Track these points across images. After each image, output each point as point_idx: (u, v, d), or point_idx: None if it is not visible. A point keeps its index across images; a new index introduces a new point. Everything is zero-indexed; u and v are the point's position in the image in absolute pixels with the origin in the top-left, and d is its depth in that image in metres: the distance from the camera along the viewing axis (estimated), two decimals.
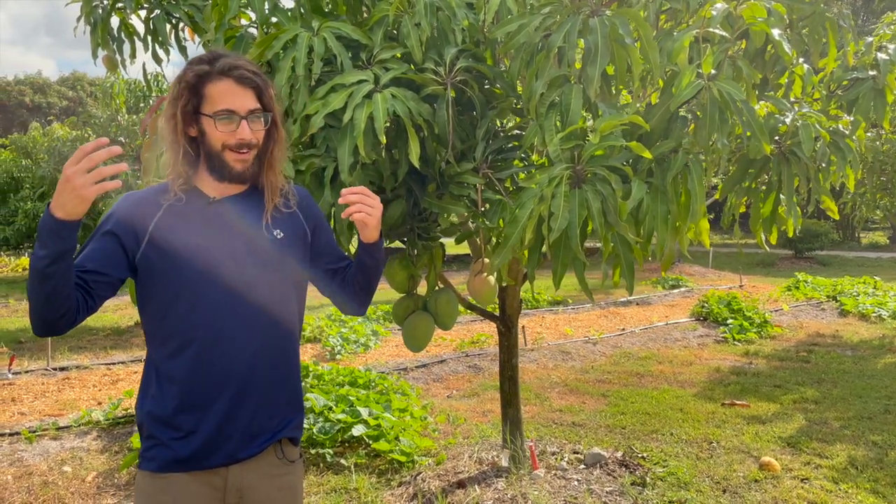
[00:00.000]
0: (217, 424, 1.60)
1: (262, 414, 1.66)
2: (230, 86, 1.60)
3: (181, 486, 1.61)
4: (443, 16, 2.45)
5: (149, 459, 1.62)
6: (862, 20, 23.88)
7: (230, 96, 1.59)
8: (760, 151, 2.37)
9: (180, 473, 1.60)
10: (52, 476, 4.08)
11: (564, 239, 2.13)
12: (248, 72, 1.61)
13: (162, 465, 1.60)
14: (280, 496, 1.71)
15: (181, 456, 1.59)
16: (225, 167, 1.63)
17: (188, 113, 1.61)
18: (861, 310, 9.84)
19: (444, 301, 2.92)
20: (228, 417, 1.61)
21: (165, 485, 1.61)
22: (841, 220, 16.63)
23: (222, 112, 1.59)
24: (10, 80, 39.78)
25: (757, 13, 2.42)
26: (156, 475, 1.61)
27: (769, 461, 4.12)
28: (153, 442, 1.61)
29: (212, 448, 1.60)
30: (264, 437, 1.67)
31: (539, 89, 2.27)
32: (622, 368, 6.95)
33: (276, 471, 1.70)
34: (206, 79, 1.59)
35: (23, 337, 9.02)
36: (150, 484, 1.62)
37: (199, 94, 1.60)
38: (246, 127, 1.60)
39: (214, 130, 1.60)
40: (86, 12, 3.40)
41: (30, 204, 15.17)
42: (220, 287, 1.59)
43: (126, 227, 1.59)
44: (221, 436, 1.61)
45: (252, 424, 1.64)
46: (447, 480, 3.80)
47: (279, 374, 1.69)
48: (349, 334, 7.86)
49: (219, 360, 1.60)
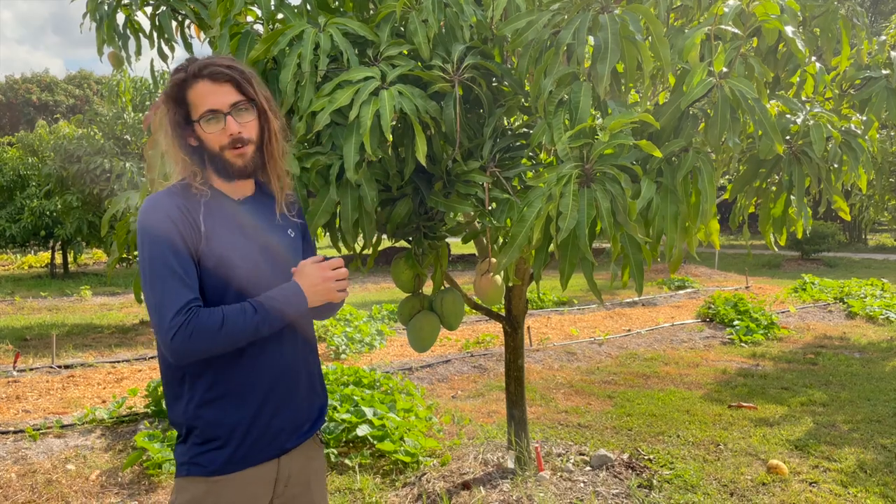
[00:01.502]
0: (269, 420, 1.64)
1: (306, 404, 1.75)
2: (207, 86, 1.60)
3: (239, 484, 1.62)
4: (450, 12, 2.42)
5: (201, 465, 1.60)
6: (871, 20, 23.77)
7: (210, 96, 1.60)
8: (772, 151, 2.33)
9: (236, 473, 1.61)
10: (55, 474, 4.07)
11: (573, 239, 2.10)
12: (221, 66, 1.61)
13: (218, 468, 1.60)
14: (315, 477, 1.80)
15: (237, 456, 1.61)
16: (227, 165, 1.63)
17: (181, 124, 1.61)
18: (868, 312, 9.77)
19: (450, 301, 2.89)
20: (280, 412, 1.67)
21: (221, 487, 1.61)
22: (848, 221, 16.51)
23: (206, 114, 1.59)
24: (18, 78, 39.93)
25: (770, 10, 2.38)
26: (211, 479, 1.60)
27: (777, 464, 4.08)
28: (208, 447, 1.60)
29: (265, 443, 1.64)
30: (308, 426, 1.75)
31: (548, 87, 2.24)
32: (628, 369, 6.91)
33: (313, 453, 1.80)
34: (185, 86, 1.61)
35: (28, 334, 9.03)
36: (204, 489, 1.61)
37: (184, 102, 1.61)
38: (232, 122, 1.60)
39: (205, 134, 1.61)
40: (91, 9, 3.39)
41: (36, 202, 15.23)
42: (262, 284, 1.62)
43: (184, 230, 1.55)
44: (272, 430, 1.65)
45: (299, 415, 1.72)
46: (452, 481, 3.77)
47: (312, 364, 1.79)
48: (354, 334, 7.83)
49: (268, 357, 1.65)
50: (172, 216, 1.55)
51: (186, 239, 1.54)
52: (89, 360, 7.00)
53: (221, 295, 1.58)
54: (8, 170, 15.99)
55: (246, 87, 1.63)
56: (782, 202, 2.84)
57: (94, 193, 13.69)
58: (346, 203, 2.33)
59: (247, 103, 1.63)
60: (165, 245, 1.52)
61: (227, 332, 1.50)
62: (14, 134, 18.86)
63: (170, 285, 1.50)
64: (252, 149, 1.64)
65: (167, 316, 1.48)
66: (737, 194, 2.96)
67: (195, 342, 1.48)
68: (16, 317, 10.76)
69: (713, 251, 19.09)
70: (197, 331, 1.48)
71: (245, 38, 2.46)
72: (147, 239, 1.54)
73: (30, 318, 10.58)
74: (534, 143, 2.35)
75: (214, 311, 1.51)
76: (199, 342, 1.48)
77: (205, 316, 1.49)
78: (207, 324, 1.49)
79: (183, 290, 1.50)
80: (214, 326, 1.49)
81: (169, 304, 1.49)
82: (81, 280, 16.23)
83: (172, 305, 1.48)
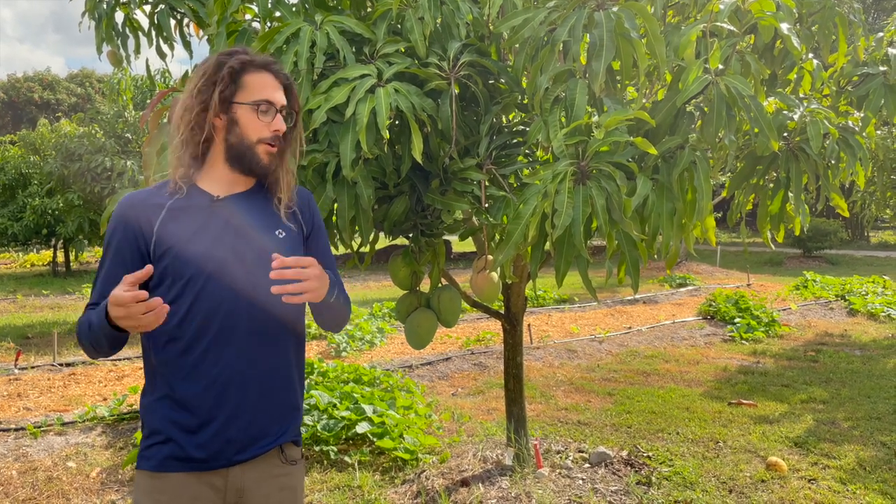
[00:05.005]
0: (219, 427, 1.57)
1: (265, 417, 1.64)
2: (269, 79, 1.62)
3: (181, 484, 1.58)
4: (447, 10, 2.43)
5: (147, 458, 1.60)
6: (872, 17, 23.70)
7: (269, 88, 1.62)
8: (768, 148, 2.33)
9: (180, 473, 1.58)
10: (56, 471, 4.09)
11: (568, 236, 2.10)
12: (283, 70, 1.67)
13: (160, 463, 1.58)
14: (280, 496, 1.68)
15: (180, 454, 1.57)
16: (254, 159, 1.62)
17: (225, 100, 1.59)
18: (870, 309, 9.76)
19: (447, 298, 2.90)
20: (230, 420, 1.58)
21: (164, 483, 1.58)
22: (850, 218, 16.49)
23: (263, 102, 1.60)
24: (20, 77, 39.95)
25: (766, 7, 2.38)
26: (154, 474, 1.58)
27: (776, 461, 4.08)
28: (153, 440, 1.59)
29: (213, 450, 1.58)
30: (266, 441, 1.64)
31: (544, 84, 2.24)
32: (628, 367, 6.91)
33: (278, 471, 1.68)
34: (248, 68, 1.61)
35: (29, 332, 9.05)
36: (148, 483, 1.59)
37: (237, 82, 1.60)
38: (281, 120, 1.63)
39: (253, 120, 1.60)
40: (90, 8, 3.40)
41: (38, 200, 15.24)
42: (224, 288, 1.56)
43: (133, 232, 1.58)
44: (222, 438, 1.58)
45: (252, 427, 1.61)
46: (451, 479, 3.78)
47: (282, 378, 1.67)
48: (354, 331, 7.85)
49: (222, 362, 1.57)
50: (126, 216, 1.60)
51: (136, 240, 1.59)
52: (90, 359, 7.02)
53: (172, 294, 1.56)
54: (10, 168, 16.01)
55: (293, 98, 1.68)
56: (780, 199, 2.84)
57: (96, 191, 13.71)
58: (343, 201, 2.33)
59: (290, 111, 1.68)
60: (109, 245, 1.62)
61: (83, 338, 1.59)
62: (16, 132, 18.88)
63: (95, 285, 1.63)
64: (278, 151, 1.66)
65: None
66: (734, 191, 2.96)
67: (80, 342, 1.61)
68: (18, 315, 10.79)
69: (714, 249, 19.08)
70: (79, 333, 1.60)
71: (242, 35, 2.47)
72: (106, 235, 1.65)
73: (31, 317, 10.61)
74: (530, 141, 2.36)
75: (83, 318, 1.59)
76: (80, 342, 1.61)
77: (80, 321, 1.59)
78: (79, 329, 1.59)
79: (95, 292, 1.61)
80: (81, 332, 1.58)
81: None
82: (83, 278, 16.25)
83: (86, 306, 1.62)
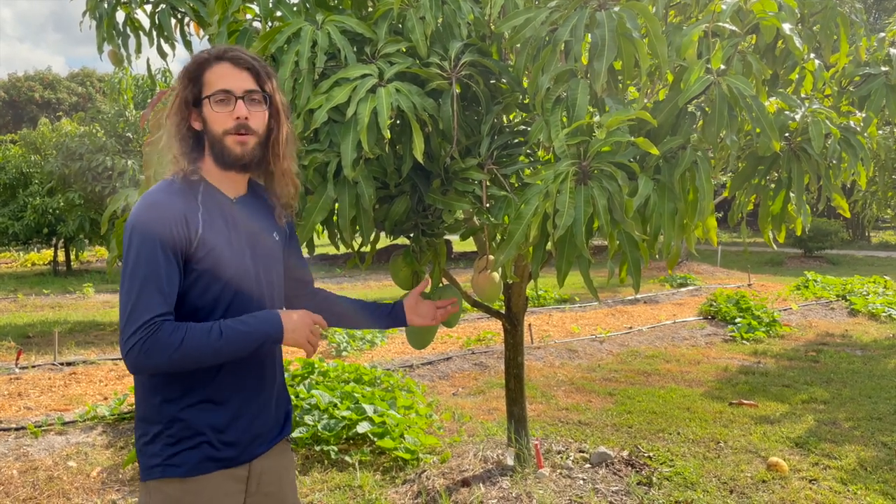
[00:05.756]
0: (245, 426, 1.65)
1: (279, 409, 1.79)
2: (226, 68, 1.60)
3: (216, 484, 1.60)
4: (448, 9, 2.42)
5: (176, 465, 1.56)
6: (873, 17, 23.69)
7: (226, 77, 1.59)
8: (770, 148, 2.33)
9: (214, 473, 1.60)
10: (57, 471, 4.09)
11: (569, 236, 2.10)
12: (245, 54, 1.62)
13: (195, 467, 1.57)
14: (286, 472, 1.82)
15: (214, 455, 1.59)
16: (225, 151, 1.60)
17: (189, 103, 1.60)
18: (871, 309, 9.75)
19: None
20: (256, 416, 1.68)
21: (199, 486, 1.58)
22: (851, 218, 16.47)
23: (218, 93, 1.58)
24: (21, 76, 39.96)
25: (768, 7, 2.38)
26: (187, 479, 1.57)
27: (777, 462, 4.07)
28: (181, 447, 1.57)
29: (240, 448, 1.64)
30: (276, 431, 1.78)
31: (545, 84, 2.24)
32: (629, 367, 6.91)
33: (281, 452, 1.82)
34: (205, 65, 1.60)
35: (30, 331, 9.05)
36: (180, 489, 1.57)
37: (198, 81, 1.60)
38: (242, 106, 1.58)
39: (212, 113, 1.58)
40: (91, 7, 3.40)
41: (38, 199, 15.25)
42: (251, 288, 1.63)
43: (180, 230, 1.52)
44: (248, 436, 1.66)
45: (269, 421, 1.74)
46: (452, 478, 3.78)
47: (280, 373, 1.81)
48: (355, 331, 7.84)
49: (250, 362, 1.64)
50: (167, 217, 1.51)
51: (177, 242, 1.51)
52: (91, 358, 7.02)
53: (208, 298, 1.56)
54: (11, 167, 16.02)
55: (264, 80, 1.62)
56: (781, 199, 2.83)
57: (97, 191, 13.72)
58: (344, 200, 2.33)
59: (260, 95, 1.62)
60: (154, 247, 1.48)
61: (184, 351, 1.45)
62: (17, 132, 18.89)
63: (145, 292, 1.46)
64: (255, 141, 1.61)
65: (131, 327, 1.45)
66: (735, 191, 2.95)
67: (149, 358, 1.45)
68: (18, 314, 10.79)
69: (715, 249, 19.07)
70: (154, 348, 1.44)
71: (243, 35, 2.47)
72: (136, 238, 1.49)
73: (32, 316, 10.61)
74: (531, 141, 2.35)
75: (178, 328, 1.46)
76: (153, 358, 1.45)
77: (166, 333, 1.45)
78: (166, 342, 1.45)
79: (154, 300, 1.46)
80: (173, 345, 1.45)
81: (137, 313, 1.45)
82: (84, 277, 16.25)
83: (139, 317, 1.44)
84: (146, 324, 1.44)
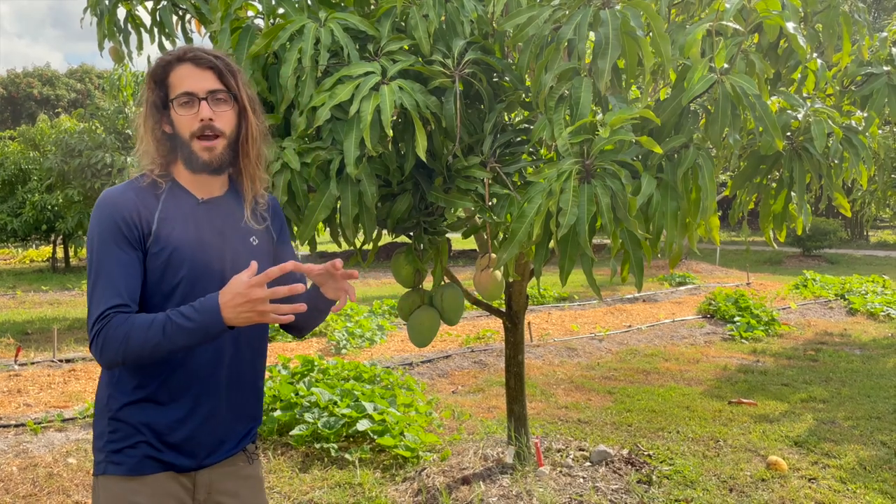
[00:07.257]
0: (189, 432, 1.59)
1: (234, 420, 1.68)
2: (188, 69, 1.57)
3: (158, 484, 1.58)
4: (451, 7, 2.42)
5: (117, 462, 1.56)
6: (873, 17, 23.70)
7: (189, 79, 1.56)
8: (772, 147, 2.33)
9: (150, 475, 1.57)
10: (56, 467, 4.09)
11: (572, 235, 2.10)
12: (206, 54, 1.58)
13: (133, 467, 1.56)
14: (247, 485, 1.73)
15: (156, 456, 1.57)
16: (192, 156, 1.58)
17: (158, 107, 1.58)
18: (870, 308, 9.77)
19: (450, 296, 2.89)
20: (207, 422, 1.61)
21: (141, 485, 1.56)
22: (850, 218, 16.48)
23: (181, 96, 1.56)
24: (19, 73, 39.86)
25: (771, 6, 2.38)
26: (129, 477, 1.56)
27: (776, 460, 4.08)
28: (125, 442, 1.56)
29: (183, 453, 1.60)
30: (231, 444, 1.69)
31: (548, 82, 2.24)
32: (628, 365, 6.92)
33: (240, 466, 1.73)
34: (168, 68, 1.58)
35: (29, 328, 9.04)
36: (121, 486, 1.56)
37: (164, 85, 1.58)
38: (206, 107, 1.55)
39: (178, 116, 1.57)
40: (92, 4, 3.38)
41: (37, 196, 15.23)
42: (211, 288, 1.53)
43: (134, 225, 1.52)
44: (192, 443, 1.60)
45: (221, 430, 1.65)
46: (452, 476, 3.78)
47: (249, 382, 1.71)
48: (354, 329, 7.84)
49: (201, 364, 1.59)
50: (122, 212, 1.52)
51: (132, 235, 1.51)
52: (90, 355, 7.01)
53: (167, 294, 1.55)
54: (9, 164, 15.99)
55: (228, 78, 1.59)
56: (783, 198, 2.84)
57: (96, 188, 13.69)
58: (347, 198, 2.33)
59: (226, 94, 1.58)
60: (106, 241, 1.50)
61: (129, 344, 1.44)
62: (15, 128, 18.86)
63: (99, 285, 1.48)
64: (223, 143, 1.59)
65: (90, 320, 1.47)
66: (737, 190, 2.96)
67: (107, 352, 1.45)
68: (17, 311, 10.78)
69: (714, 247, 19.08)
70: (107, 341, 1.44)
71: (246, 32, 2.46)
72: (95, 233, 1.52)
73: (31, 312, 10.60)
74: (534, 139, 2.35)
75: (125, 321, 1.45)
76: (109, 353, 1.45)
77: (114, 326, 1.45)
78: (114, 335, 1.44)
79: (109, 293, 1.47)
80: (118, 338, 1.44)
81: (95, 306, 1.47)
82: (83, 274, 16.23)
83: (96, 309, 1.46)
84: (100, 317, 1.46)
